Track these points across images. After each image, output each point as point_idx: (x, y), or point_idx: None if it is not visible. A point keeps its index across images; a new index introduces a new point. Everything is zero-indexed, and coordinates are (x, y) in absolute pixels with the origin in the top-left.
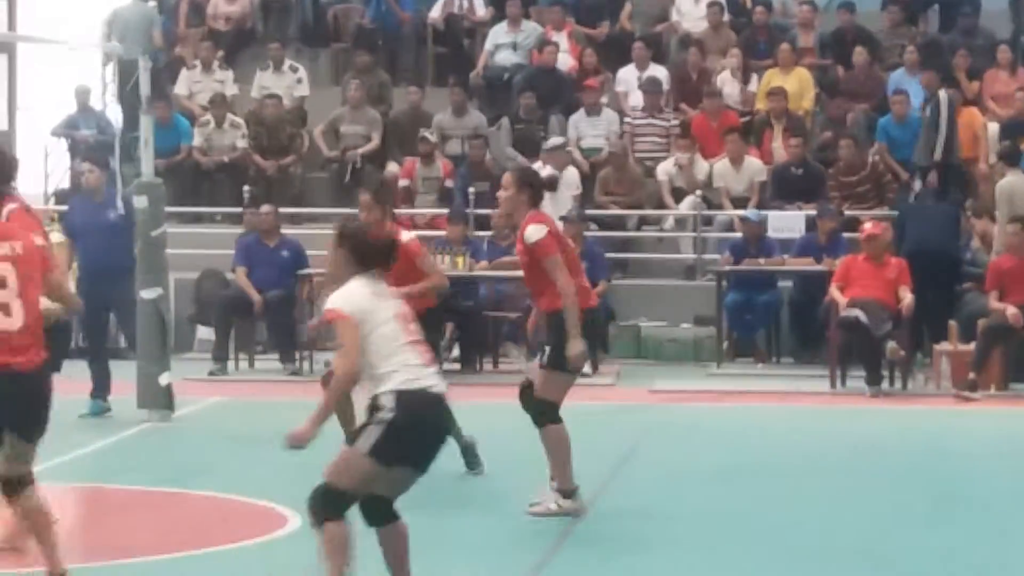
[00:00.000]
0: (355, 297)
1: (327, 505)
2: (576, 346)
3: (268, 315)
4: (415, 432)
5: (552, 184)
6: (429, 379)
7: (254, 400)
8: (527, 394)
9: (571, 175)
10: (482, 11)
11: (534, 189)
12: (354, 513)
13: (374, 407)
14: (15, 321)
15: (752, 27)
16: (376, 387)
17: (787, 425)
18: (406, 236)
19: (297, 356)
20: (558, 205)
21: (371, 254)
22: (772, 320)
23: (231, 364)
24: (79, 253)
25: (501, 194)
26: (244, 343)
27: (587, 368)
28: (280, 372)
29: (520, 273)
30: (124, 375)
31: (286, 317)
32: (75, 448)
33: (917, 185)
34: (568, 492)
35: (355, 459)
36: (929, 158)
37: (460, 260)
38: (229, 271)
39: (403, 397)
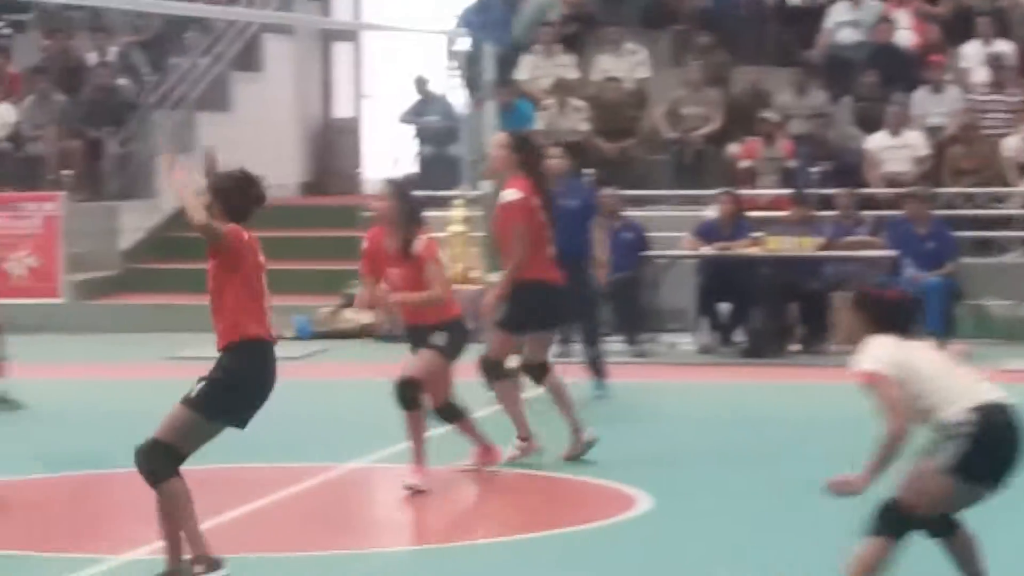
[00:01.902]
0: (884, 354)
1: (891, 523)
2: (489, 296)
3: (613, 297)
4: (998, 445)
5: None
6: (995, 392)
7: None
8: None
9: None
10: None
11: (524, 154)
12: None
13: (944, 429)
14: None
15: None
16: (939, 414)
17: None
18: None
19: (641, 338)
20: None
21: (891, 317)
22: None
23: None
24: (557, 233)
25: (493, 152)
26: None
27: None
28: (625, 354)
29: (865, 253)
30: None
31: (631, 299)
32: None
33: None
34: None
35: (932, 477)
36: None
37: (804, 240)
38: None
39: (984, 411)
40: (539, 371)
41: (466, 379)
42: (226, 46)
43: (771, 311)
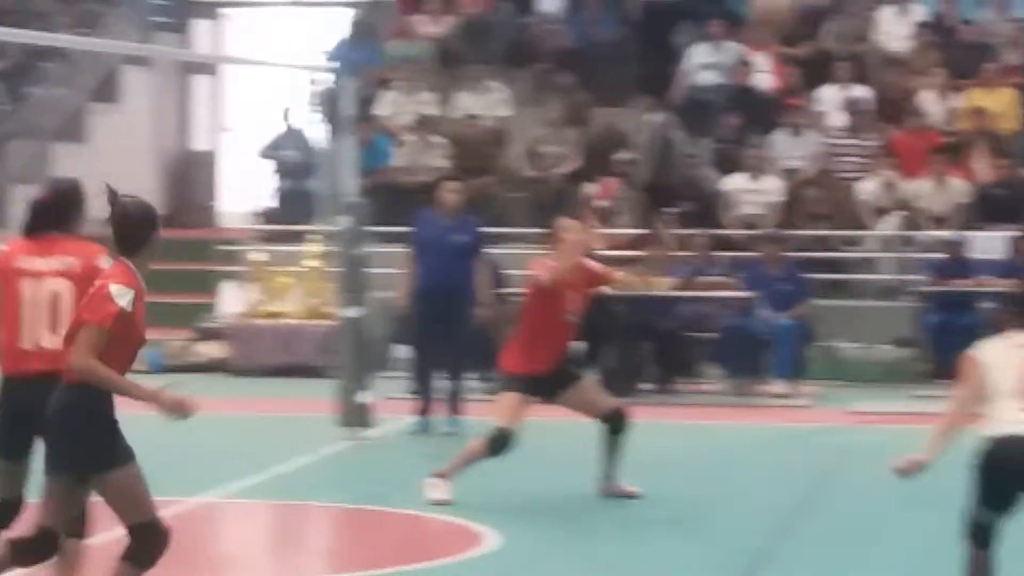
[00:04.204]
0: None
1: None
2: None
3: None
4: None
5: None
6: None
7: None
8: None
9: (771, 184)
10: None
11: None
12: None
13: None
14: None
15: (956, 46)
16: None
17: None
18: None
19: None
20: None
21: None
22: (973, 341)
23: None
24: (418, 269)
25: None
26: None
27: (784, 389)
28: (481, 391)
29: (719, 293)
30: (326, 393)
31: (488, 336)
32: (276, 466)
33: None
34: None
35: None
36: None
37: (659, 280)
38: None
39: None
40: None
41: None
42: (84, 77)
43: (625, 350)
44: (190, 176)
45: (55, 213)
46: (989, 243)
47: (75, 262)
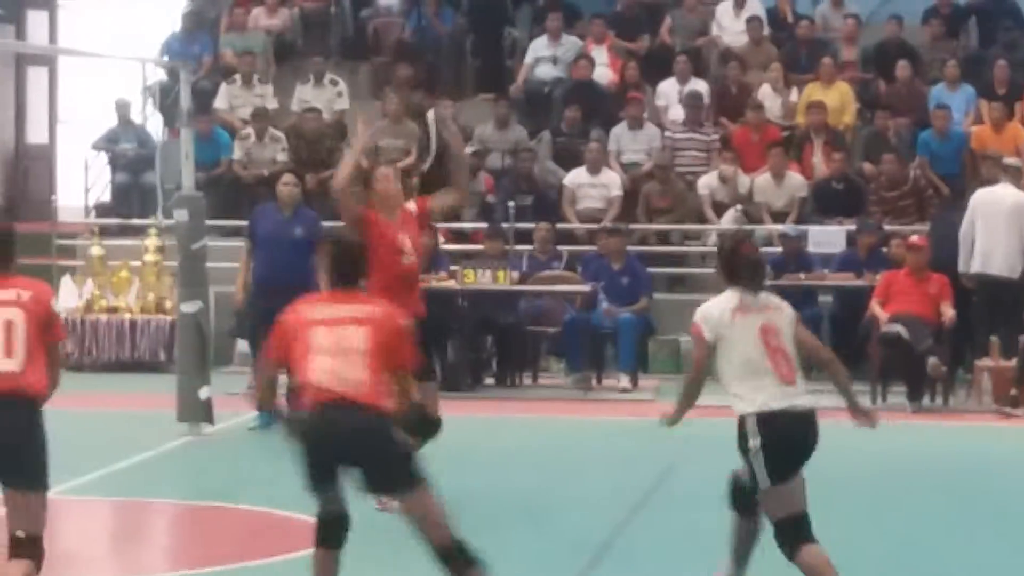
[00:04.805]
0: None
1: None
2: None
3: None
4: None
5: None
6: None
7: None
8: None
9: (611, 179)
10: None
11: None
12: None
13: None
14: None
15: (793, 41)
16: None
17: (827, 441)
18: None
19: None
20: None
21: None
22: (813, 335)
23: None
24: (256, 263)
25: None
26: None
27: (627, 383)
28: None
29: (561, 288)
30: (166, 388)
31: None
32: (115, 462)
33: None
34: None
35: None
36: None
37: (500, 274)
38: None
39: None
40: None
41: None
42: None
43: (467, 345)
44: (27, 170)
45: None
46: (827, 237)
47: (26, 295)
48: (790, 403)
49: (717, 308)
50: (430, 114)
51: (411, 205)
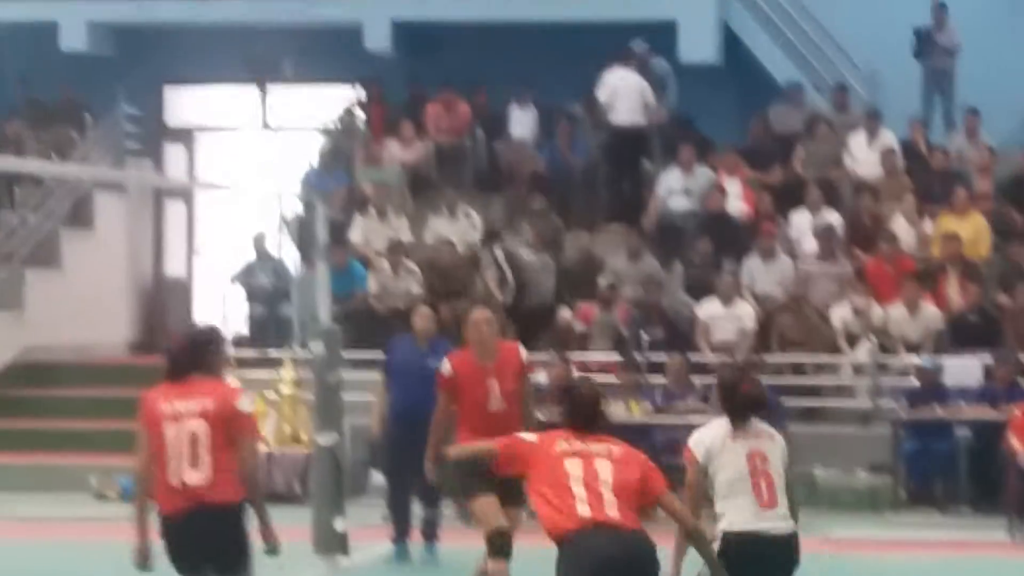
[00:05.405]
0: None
1: None
2: None
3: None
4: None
5: None
6: None
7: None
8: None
9: (745, 310)
10: None
11: None
12: None
13: None
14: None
15: (927, 172)
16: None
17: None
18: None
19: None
20: None
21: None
22: (949, 468)
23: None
24: (392, 395)
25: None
26: None
27: None
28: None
29: (694, 419)
30: (301, 520)
31: None
32: None
33: None
34: None
35: None
36: None
37: (634, 406)
38: None
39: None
40: None
41: None
42: (57, 202)
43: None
44: (164, 301)
45: (191, 357)
46: (963, 369)
47: (210, 403)
48: (765, 525)
49: (710, 433)
50: (499, 252)
51: (523, 353)
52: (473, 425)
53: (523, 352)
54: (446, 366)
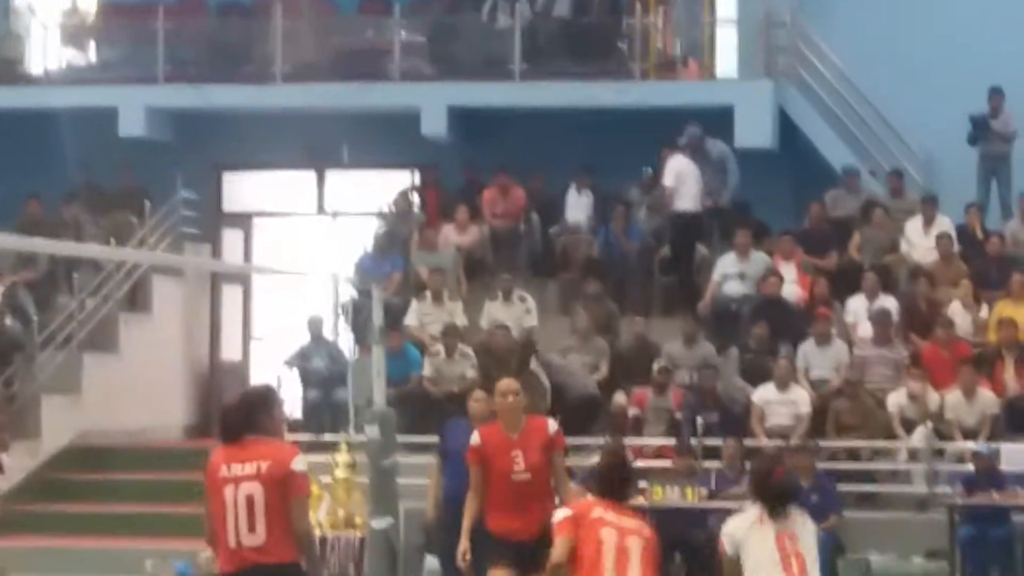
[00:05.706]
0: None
1: None
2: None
3: None
4: None
5: None
6: None
7: None
8: None
9: (800, 395)
10: None
11: None
12: None
13: None
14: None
15: (983, 257)
16: None
17: None
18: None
19: None
20: None
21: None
22: (1006, 554)
23: None
24: (447, 479)
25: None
26: None
27: None
28: None
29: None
30: None
31: None
32: None
33: None
34: None
35: None
36: None
37: (689, 491)
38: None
39: None
40: None
41: None
42: (114, 287)
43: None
44: (220, 386)
45: (245, 418)
46: (1020, 455)
47: (265, 465)
48: None
49: (736, 522)
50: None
51: (552, 427)
52: (498, 496)
53: (552, 425)
54: (475, 437)
